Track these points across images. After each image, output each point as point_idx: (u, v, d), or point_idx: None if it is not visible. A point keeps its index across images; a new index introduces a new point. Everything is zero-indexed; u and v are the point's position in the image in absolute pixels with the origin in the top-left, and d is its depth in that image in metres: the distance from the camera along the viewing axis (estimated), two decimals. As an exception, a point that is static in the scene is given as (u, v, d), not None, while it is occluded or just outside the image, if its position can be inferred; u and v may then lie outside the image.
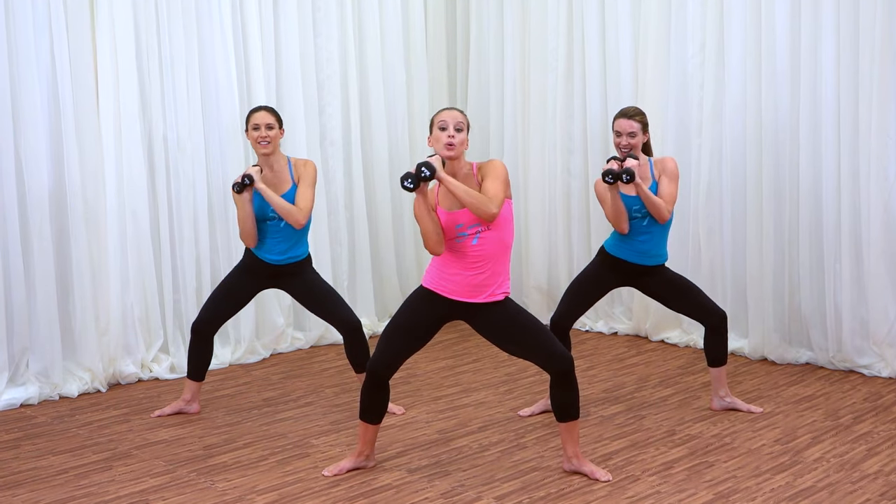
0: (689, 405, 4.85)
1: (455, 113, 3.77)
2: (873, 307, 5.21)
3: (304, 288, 4.70)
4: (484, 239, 3.74)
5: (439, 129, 3.75)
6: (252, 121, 4.57)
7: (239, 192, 4.50)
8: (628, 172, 4.32)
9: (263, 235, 4.61)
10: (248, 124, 4.59)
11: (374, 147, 6.67)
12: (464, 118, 3.78)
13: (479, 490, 3.81)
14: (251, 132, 4.56)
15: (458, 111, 3.79)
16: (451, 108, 3.85)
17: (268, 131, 4.54)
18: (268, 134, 4.54)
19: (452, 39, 7.20)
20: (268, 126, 4.55)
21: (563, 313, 4.68)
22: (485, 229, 3.73)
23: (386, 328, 3.96)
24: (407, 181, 3.63)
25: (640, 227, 4.53)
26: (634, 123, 4.49)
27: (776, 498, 3.68)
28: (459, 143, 3.74)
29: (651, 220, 4.51)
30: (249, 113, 4.62)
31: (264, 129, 4.54)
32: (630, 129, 4.49)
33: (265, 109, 4.61)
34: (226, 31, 5.78)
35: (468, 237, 3.74)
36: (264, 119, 4.56)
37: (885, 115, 5.07)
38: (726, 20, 5.67)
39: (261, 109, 4.61)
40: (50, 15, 5.08)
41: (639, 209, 4.49)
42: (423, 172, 3.61)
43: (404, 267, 6.93)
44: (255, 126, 4.54)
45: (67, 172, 5.17)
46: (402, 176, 3.65)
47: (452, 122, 3.73)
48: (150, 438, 4.50)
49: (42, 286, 5.10)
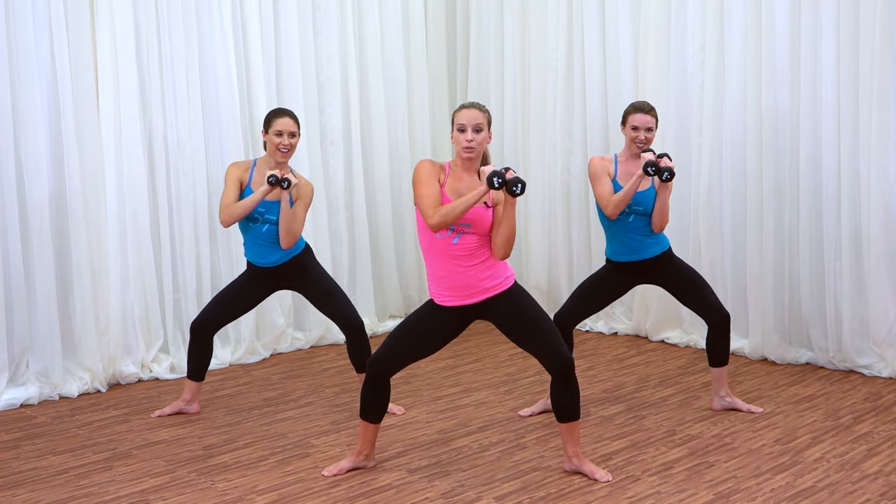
0: (689, 405, 4.85)
1: (474, 113, 3.70)
2: (873, 307, 5.21)
3: (311, 285, 4.69)
4: (464, 240, 3.72)
5: (458, 130, 3.72)
6: (276, 126, 4.47)
7: (271, 184, 4.39)
8: (671, 171, 4.29)
9: (258, 241, 4.58)
10: (269, 126, 4.50)
11: (374, 147, 6.67)
12: (483, 117, 3.71)
13: (479, 490, 3.81)
14: (272, 136, 4.47)
15: (477, 110, 3.71)
16: (470, 105, 3.74)
17: (290, 139, 4.49)
18: (290, 142, 4.49)
19: (452, 39, 7.20)
20: (290, 134, 4.49)
21: (567, 312, 4.66)
22: (469, 231, 3.71)
23: (395, 329, 3.96)
24: (517, 187, 3.53)
25: (625, 223, 4.50)
26: (651, 118, 4.49)
27: (776, 498, 3.68)
28: (478, 145, 3.71)
29: (637, 218, 4.49)
30: (273, 116, 4.52)
31: (287, 136, 4.47)
32: (648, 123, 4.48)
33: (290, 116, 4.51)
34: (226, 30, 5.78)
35: (450, 235, 3.72)
36: (289, 126, 4.48)
37: (885, 115, 5.07)
38: (726, 20, 5.67)
39: (286, 115, 4.50)
40: (50, 15, 5.08)
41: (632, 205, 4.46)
42: (515, 190, 3.54)
43: (404, 267, 6.94)
44: (279, 132, 4.46)
45: (67, 173, 5.16)
46: (515, 178, 3.53)
47: (471, 125, 3.69)
48: (150, 438, 4.50)
49: (42, 286, 5.10)
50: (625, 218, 4.50)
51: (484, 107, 3.77)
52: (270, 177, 4.39)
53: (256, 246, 4.59)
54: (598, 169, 4.50)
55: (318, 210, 6.19)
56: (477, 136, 3.70)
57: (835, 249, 5.35)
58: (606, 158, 4.56)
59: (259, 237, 4.57)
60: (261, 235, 4.56)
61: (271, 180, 4.38)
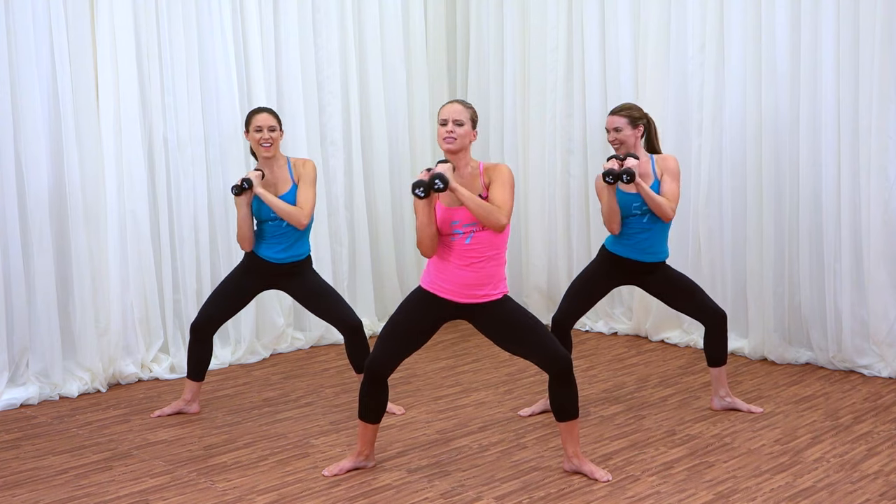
0: (689, 405, 4.85)
1: (455, 107, 3.77)
2: (873, 307, 5.21)
3: (305, 288, 4.70)
4: (477, 239, 3.74)
5: (440, 124, 3.78)
6: (254, 123, 4.55)
7: (237, 195, 4.51)
8: (628, 173, 4.31)
9: (265, 236, 4.61)
10: (248, 126, 4.58)
11: (374, 147, 6.67)
12: (464, 111, 3.77)
13: (479, 490, 3.82)
14: (253, 134, 4.55)
15: (459, 105, 3.78)
16: (453, 101, 3.83)
17: (270, 133, 4.54)
18: (270, 136, 4.54)
19: (452, 39, 7.20)
20: (270, 128, 4.54)
21: (564, 312, 4.68)
22: (479, 229, 3.74)
23: (384, 327, 3.97)
24: (418, 189, 3.62)
25: (639, 224, 4.52)
26: (619, 119, 4.50)
27: (776, 498, 3.68)
28: (459, 137, 3.74)
29: (651, 217, 4.50)
30: (250, 115, 4.60)
31: (266, 131, 4.53)
32: (614, 124, 4.50)
33: (266, 111, 4.59)
34: (226, 31, 5.78)
35: (462, 235, 3.74)
36: (266, 121, 4.55)
37: (885, 115, 5.07)
38: (726, 20, 5.67)
39: (262, 111, 4.59)
40: (50, 15, 5.08)
41: (639, 206, 4.47)
42: (437, 184, 3.60)
43: (404, 267, 6.94)
44: (258, 128, 4.53)
45: (67, 172, 5.17)
46: (413, 183, 3.64)
47: (451, 117, 3.76)
48: (150, 438, 4.50)
49: (42, 286, 5.10)
50: (638, 219, 4.51)
51: (467, 103, 3.83)
52: (233, 189, 4.52)
53: (265, 240, 4.63)
54: (600, 188, 4.54)
55: (319, 210, 6.19)
56: (458, 129, 3.74)
57: (835, 249, 5.35)
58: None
59: (279, 233, 4.61)
60: (281, 231, 4.60)
61: (234, 192, 4.52)
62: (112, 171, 5.37)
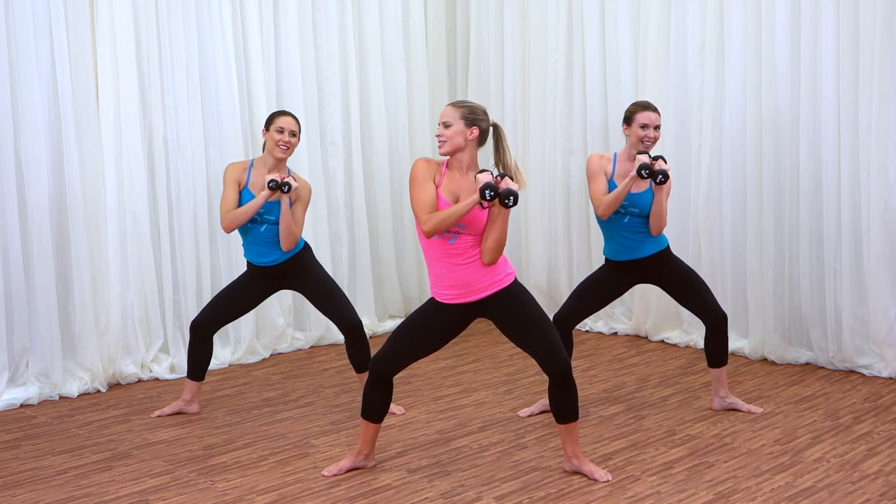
0: (689, 405, 4.85)
1: (445, 110, 3.78)
2: (873, 307, 5.21)
3: (311, 284, 4.71)
4: (460, 239, 3.74)
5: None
6: (278, 123, 4.55)
7: (272, 189, 4.47)
8: (665, 174, 4.29)
9: (257, 242, 4.60)
10: (270, 124, 4.57)
11: (374, 147, 6.67)
12: (453, 111, 3.75)
13: (479, 490, 3.81)
14: (273, 133, 4.55)
15: (449, 106, 3.78)
16: (449, 104, 3.84)
17: (290, 137, 4.57)
18: (290, 140, 4.57)
19: (452, 39, 7.21)
20: (291, 132, 4.57)
21: (567, 313, 4.66)
22: (463, 232, 3.73)
23: (397, 328, 3.97)
24: (510, 198, 3.58)
25: (620, 223, 4.50)
26: (659, 116, 4.50)
27: (776, 498, 3.68)
28: (448, 139, 3.74)
29: (631, 218, 4.49)
30: (275, 115, 4.60)
31: (287, 134, 4.56)
32: (657, 121, 4.49)
33: (292, 116, 4.62)
34: (226, 31, 5.78)
35: (447, 235, 3.73)
36: (290, 125, 4.57)
37: (885, 115, 5.07)
38: (726, 20, 5.67)
39: (288, 115, 4.61)
40: (50, 15, 5.08)
41: (627, 206, 4.45)
42: (508, 202, 3.59)
43: (404, 267, 6.94)
44: (280, 129, 4.54)
45: (67, 173, 5.17)
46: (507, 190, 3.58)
47: (440, 120, 3.78)
48: (150, 438, 4.50)
49: (42, 286, 5.10)
50: (619, 218, 4.49)
51: (462, 102, 3.82)
52: (271, 181, 4.46)
53: (256, 246, 4.62)
54: (595, 168, 4.50)
55: (318, 210, 6.19)
56: (445, 130, 3.74)
57: (835, 249, 5.35)
58: (605, 157, 4.55)
59: (258, 237, 4.59)
60: (259, 236, 4.59)
61: (271, 185, 4.46)
62: (112, 172, 5.37)
